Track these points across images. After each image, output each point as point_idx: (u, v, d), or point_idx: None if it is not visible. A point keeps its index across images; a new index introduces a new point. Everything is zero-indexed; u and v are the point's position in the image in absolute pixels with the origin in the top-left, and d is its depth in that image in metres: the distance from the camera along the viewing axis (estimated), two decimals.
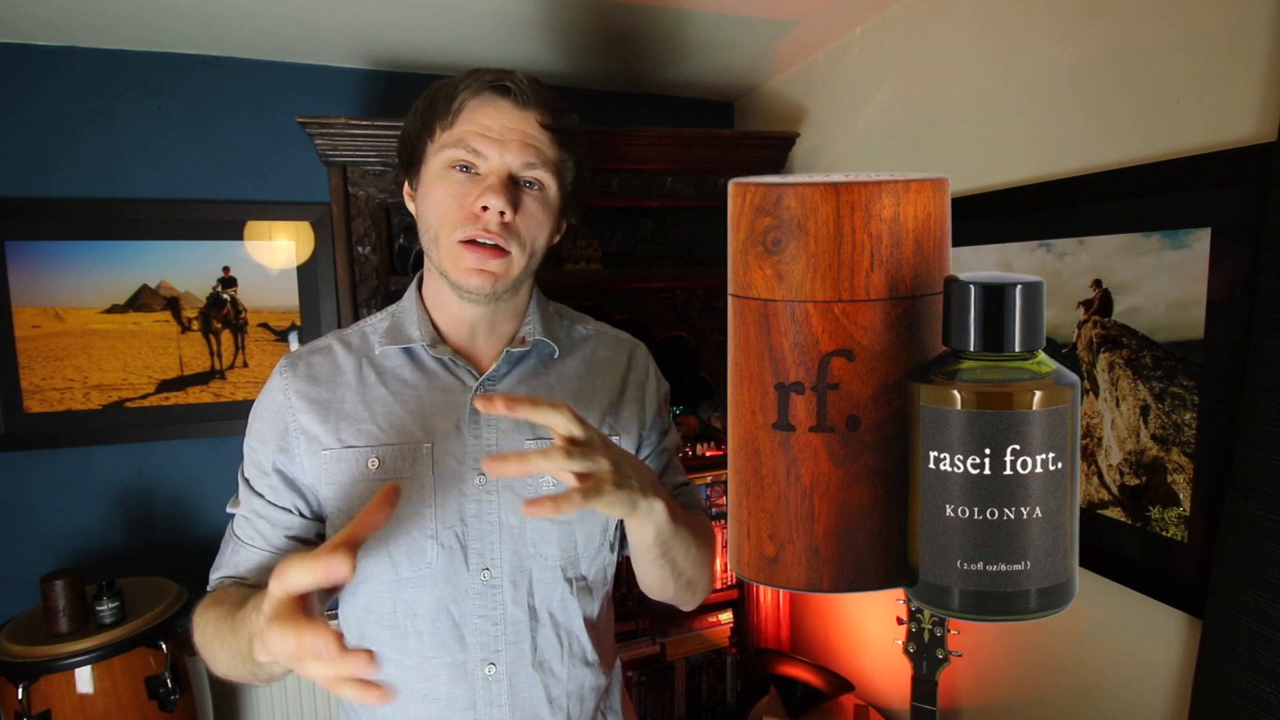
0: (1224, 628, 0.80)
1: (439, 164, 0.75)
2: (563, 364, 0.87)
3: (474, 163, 0.74)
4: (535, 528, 0.80)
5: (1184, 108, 0.89)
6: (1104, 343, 1.00)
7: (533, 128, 0.75)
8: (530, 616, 0.80)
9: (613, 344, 0.93)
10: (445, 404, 0.80)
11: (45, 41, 1.51)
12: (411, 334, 0.81)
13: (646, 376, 0.93)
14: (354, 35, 1.52)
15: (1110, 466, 1.00)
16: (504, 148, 0.73)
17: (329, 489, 0.78)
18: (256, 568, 0.79)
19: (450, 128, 0.74)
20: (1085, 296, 1.02)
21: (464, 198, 0.74)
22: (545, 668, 0.81)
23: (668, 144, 1.53)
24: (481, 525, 0.79)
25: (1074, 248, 1.04)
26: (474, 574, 0.78)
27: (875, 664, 1.60)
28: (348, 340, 0.84)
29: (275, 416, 0.79)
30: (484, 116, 0.74)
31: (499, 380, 0.82)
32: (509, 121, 0.74)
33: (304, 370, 0.80)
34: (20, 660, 1.27)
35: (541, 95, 0.76)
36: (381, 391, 0.80)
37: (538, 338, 0.84)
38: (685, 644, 1.73)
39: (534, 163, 0.75)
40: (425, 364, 0.82)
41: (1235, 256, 0.83)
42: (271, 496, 0.79)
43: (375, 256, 1.39)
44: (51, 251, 1.56)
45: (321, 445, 0.78)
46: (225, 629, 0.67)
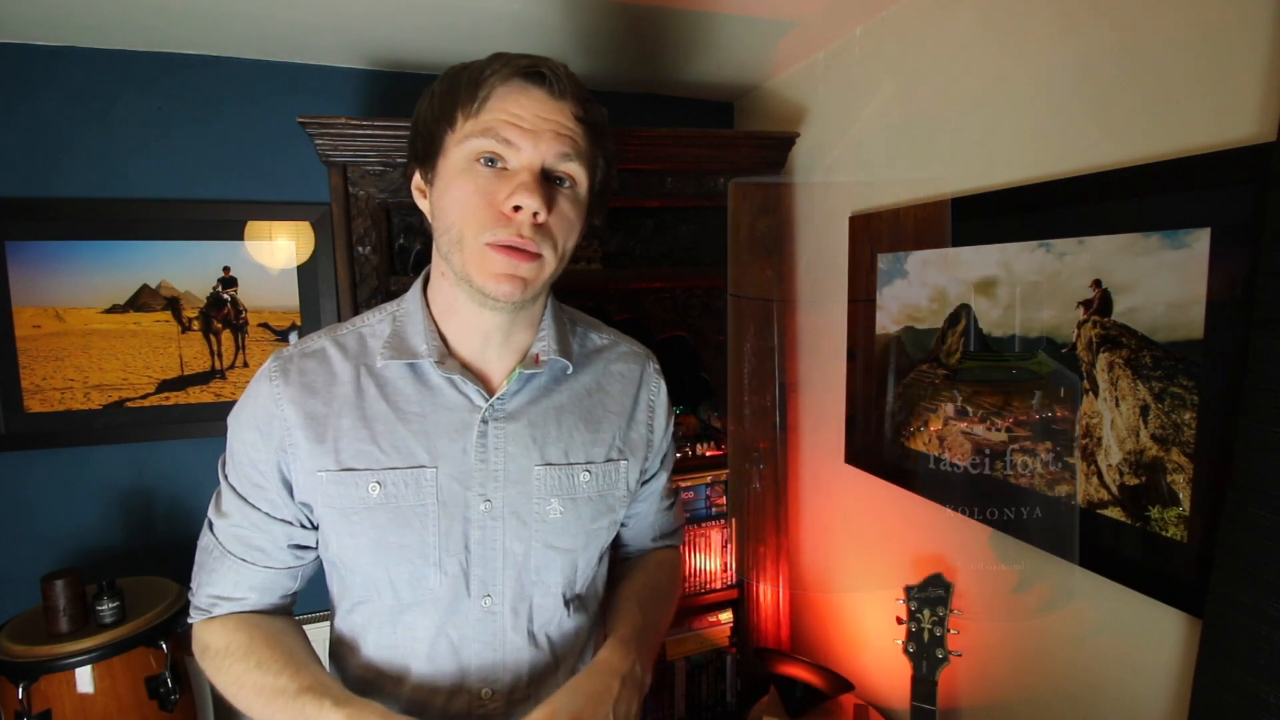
0: (1224, 628, 0.80)
1: (462, 156, 0.67)
2: (575, 380, 0.83)
3: (503, 155, 0.67)
4: (539, 555, 0.78)
5: (1184, 107, 0.89)
6: (1104, 343, 1.00)
7: (567, 119, 0.68)
8: (530, 642, 0.79)
9: (627, 358, 0.89)
10: (451, 425, 0.75)
11: (45, 41, 1.51)
12: (417, 347, 0.75)
13: (658, 395, 0.90)
14: (354, 35, 1.52)
15: (1110, 466, 1.00)
16: (538, 139, 0.66)
17: (327, 511, 0.74)
18: (259, 587, 0.77)
19: (475, 116, 0.67)
20: (1085, 296, 1.02)
21: (493, 195, 0.66)
22: (541, 690, 0.80)
23: (668, 144, 1.53)
24: (485, 552, 0.76)
25: (1074, 248, 1.04)
26: (475, 600, 0.76)
27: (875, 664, 1.60)
28: (343, 344, 0.77)
29: (267, 426, 0.73)
30: (515, 105, 0.66)
31: (509, 400, 0.77)
32: (542, 111, 0.67)
33: (296, 378, 0.74)
34: (20, 660, 1.27)
35: (576, 85, 0.69)
36: (382, 407, 0.74)
37: (551, 356, 0.78)
38: (685, 644, 1.73)
39: (569, 153, 0.68)
40: (431, 380, 0.75)
41: (1235, 256, 0.83)
42: (269, 509, 0.75)
43: (375, 256, 1.39)
44: (51, 251, 1.56)
45: (318, 465, 0.72)
46: (271, 701, 0.67)
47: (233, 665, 0.71)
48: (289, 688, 0.66)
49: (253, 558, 0.76)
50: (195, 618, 0.78)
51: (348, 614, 0.79)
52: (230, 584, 0.76)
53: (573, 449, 0.80)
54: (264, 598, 0.78)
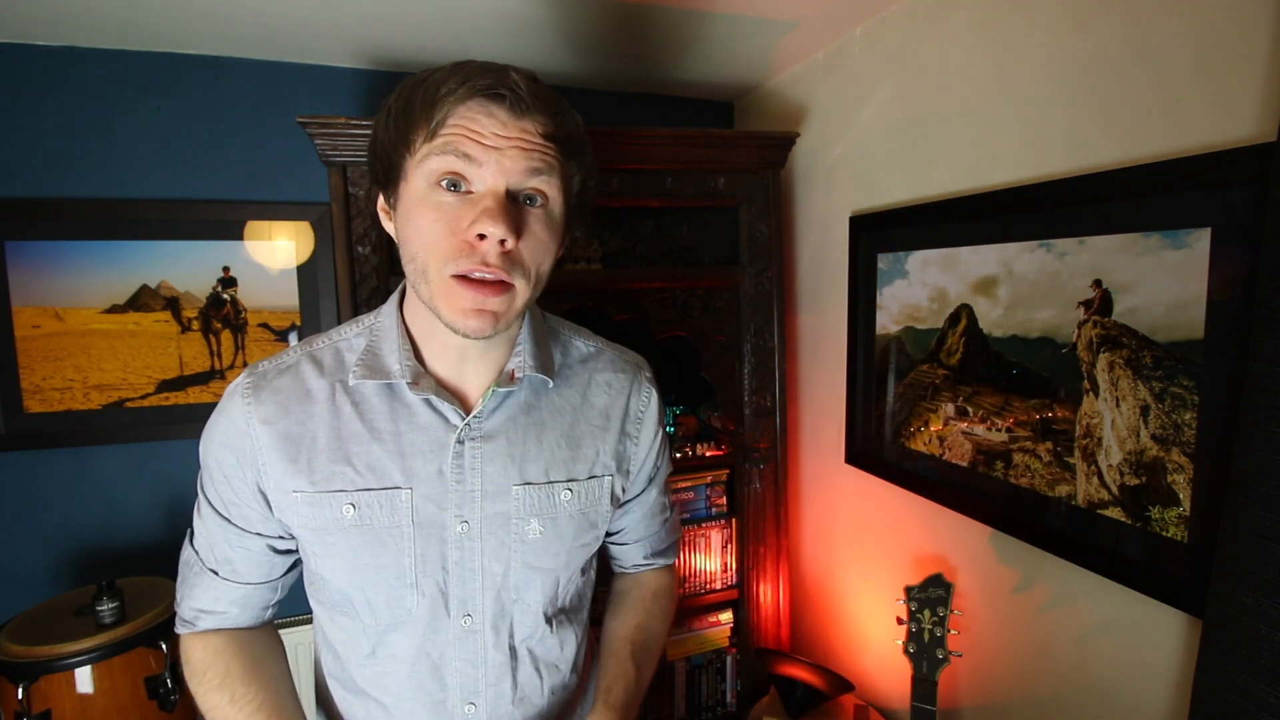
0: (1224, 628, 0.80)
1: (422, 179, 0.63)
2: (557, 394, 0.80)
3: (465, 174, 0.62)
4: (519, 574, 0.77)
5: (1184, 107, 0.89)
6: (1104, 343, 1.00)
7: (533, 135, 0.63)
8: (510, 657, 0.78)
9: (616, 367, 0.85)
10: (427, 445, 0.72)
11: (45, 41, 1.51)
12: (390, 367, 0.72)
13: (648, 406, 0.86)
14: (354, 35, 1.52)
15: (1110, 466, 1.00)
16: (501, 155, 0.61)
17: (302, 531, 0.73)
18: (240, 601, 0.78)
19: (432, 138, 0.62)
20: (1085, 296, 1.02)
21: (456, 223, 0.62)
22: (526, 702, 0.80)
23: (668, 144, 1.53)
24: (463, 572, 0.74)
25: (1074, 247, 1.04)
26: (455, 620, 0.75)
27: (875, 664, 1.60)
28: (319, 359, 0.75)
29: (239, 445, 0.71)
30: (474, 124, 0.61)
31: (486, 419, 0.74)
32: (504, 130, 0.62)
33: (269, 396, 0.71)
34: (20, 660, 1.27)
35: (541, 97, 0.64)
36: (357, 426, 0.71)
37: (529, 373, 0.76)
38: (685, 644, 1.73)
39: (537, 168, 0.63)
40: (405, 398, 0.73)
41: (1235, 256, 0.83)
42: (244, 525, 0.75)
43: (375, 256, 1.38)
44: (51, 251, 1.56)
45: (291, 486, 0.71)
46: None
47: (209, 694, 0.73)
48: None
49: (231, 574, 0.76)
50: (181, 630, 0.79)
51: (329, 632, 0.79)
52: (211, 598, 0.77)
53: (554, 467, 0.78)
54: (245, 612, 0.79)
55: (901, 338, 1.43)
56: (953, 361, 1.29)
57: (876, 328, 1.51)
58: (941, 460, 1.34)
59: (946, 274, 1.29)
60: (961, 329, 1.27)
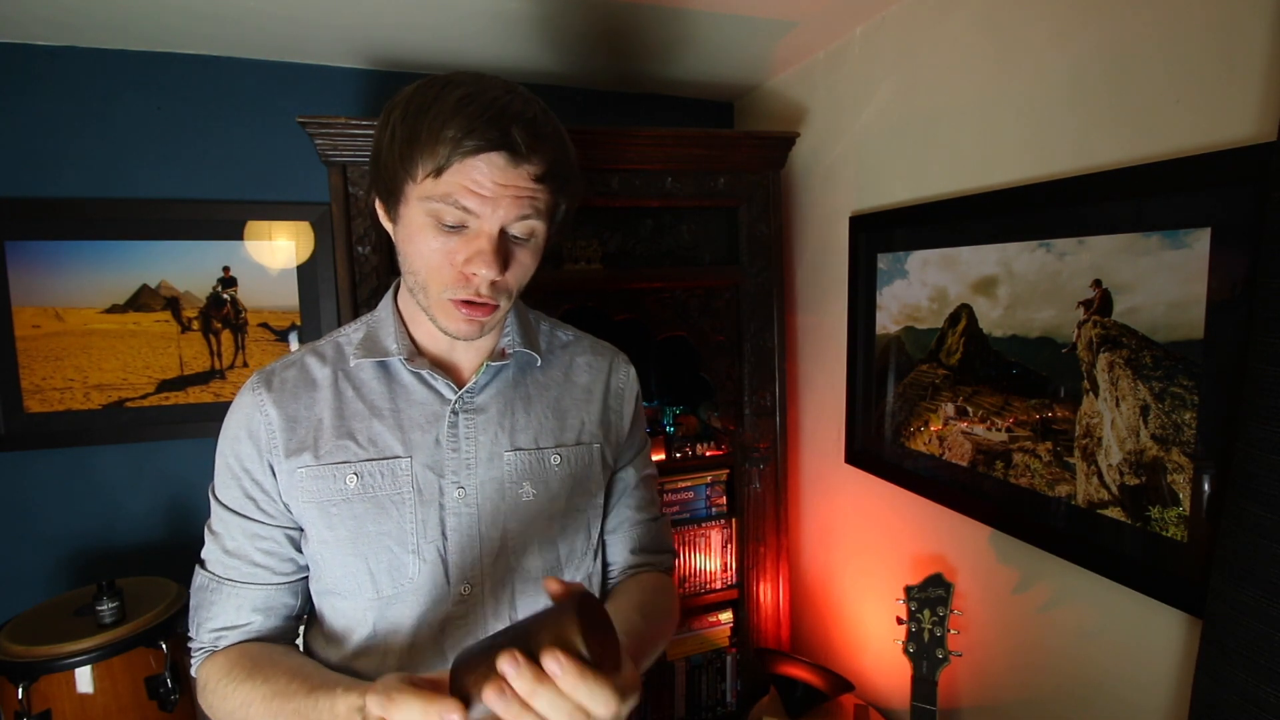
0: (1224, 628, 0.80)
1: (422, 212, 0.69)
2: (543, 373, 0.87)
3: (463, 221, 0.69)
4: (515, 540, 0.80)
5: (1184, 107, 0.89)
6: (1104, 342, 1.00)
7: (527, 181, 0.69)
8: None
9: (594, 351, 0.93)
10: (424, 418, 0.79)
11: (45, 41, 1.51)
12: (388, 347, 0.80)
13: (626, 382, 0.93)
14: (354, 35, 1.52)
15: (1110, 466, 1.00)
16: (496, 205, 0.68)
17: (307, 507, 0.76)
18: (263, 608, 0.77)
19: (435, 178, 0.67)
20: (1085, 296, 1.02)
21: (453, 255, 0.70)
22: None
23: (668, 144, 1.53)
24: (462, 539, 0.78)
25: (1074, 247, 1.04)
26: (454, 588, 0.78)
27: (875, 664, 1.60)
28: (321, 352, 0.82)
29: (254, 429, 0.77)
30: (475, 173, 0.67)
31: (478, 392, 0.82)
32: (503, 178, 0.67)
33: (276, 384, 0.79)
34: (20, 660, 1.27)
35: (541, 144, 0.69)
36: (358, 405, 0.78)
37: (517, 349, 0.84)
38: (685, 644, 1.73)
39: (527, 214, 0.70)
40: (402, 377, 0.80)
41: (1235, 256, 0.83)
42: (264, 518, 0.77)
43: (375, 256, 1.38)
44: (51, 251, 1.56)
45: (297, 463, 0.76)
46: (283, 706, 0.65)
47: (238, 687, 0.71)
48: (299, 690, 0.66)
49: (251, 577, 0.77)
50: (198, 659, 0.77)
51: (329, 610, 0.79)
52: (232, 612, 0.77)
53: (543, 435, 0.84)
54: (268, 620, 0.78)
55: (901, 338, 1.43)
56: (953, 361, 1.29)
57: (876, 328, 1.51)
58: (941, 460, 1.34)
59: (946, 274, 1.29)
60: (961, 329, 1.27)
